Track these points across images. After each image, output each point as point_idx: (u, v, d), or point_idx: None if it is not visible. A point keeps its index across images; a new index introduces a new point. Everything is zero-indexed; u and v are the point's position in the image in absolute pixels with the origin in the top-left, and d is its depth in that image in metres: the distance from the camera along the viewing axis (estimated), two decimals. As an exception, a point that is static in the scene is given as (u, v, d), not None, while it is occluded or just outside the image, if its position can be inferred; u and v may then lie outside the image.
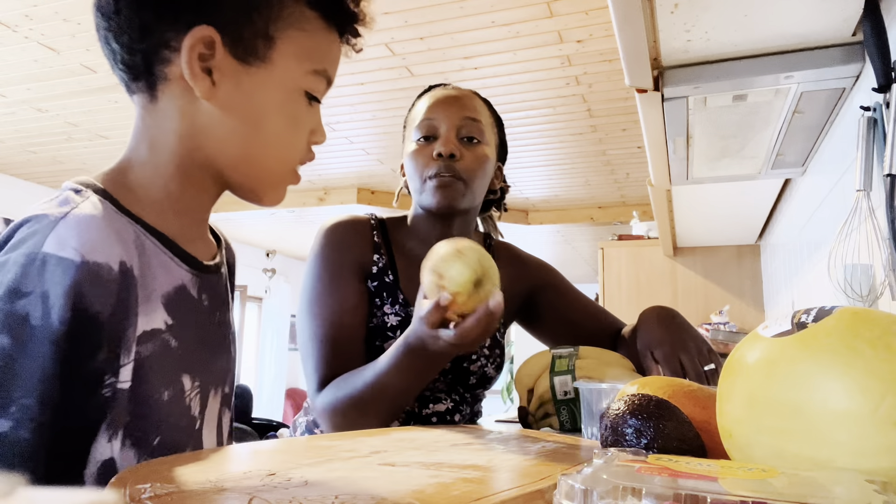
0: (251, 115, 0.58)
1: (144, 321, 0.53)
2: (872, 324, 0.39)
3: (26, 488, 0.19)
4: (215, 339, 0.66)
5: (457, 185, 0.99)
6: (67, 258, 0.47)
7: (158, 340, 0.55)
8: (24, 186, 4.48)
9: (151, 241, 0.56)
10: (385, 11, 2.22)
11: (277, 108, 0.58)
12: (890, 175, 0.85)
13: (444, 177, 0.99)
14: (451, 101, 1.04)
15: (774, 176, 1.71)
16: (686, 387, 0.59)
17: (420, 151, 1.02)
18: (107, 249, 0.50)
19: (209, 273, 0.64)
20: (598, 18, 2.23)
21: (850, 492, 0.29)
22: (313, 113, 0.63)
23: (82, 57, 2.59)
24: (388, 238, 1.07)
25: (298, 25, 0.59)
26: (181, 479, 0.37)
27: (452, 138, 1.01)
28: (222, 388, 0.68)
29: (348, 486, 0.36)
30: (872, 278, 1.00)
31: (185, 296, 0.59)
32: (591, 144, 3.47)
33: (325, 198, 4.45)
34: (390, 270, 1.04)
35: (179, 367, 0.58)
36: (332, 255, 1.01)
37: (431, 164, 1.00)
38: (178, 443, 0.58)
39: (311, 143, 0.65)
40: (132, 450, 0.52)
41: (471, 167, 1.01)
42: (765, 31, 1.01)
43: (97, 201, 0.53)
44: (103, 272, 0.49)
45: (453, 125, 1.01)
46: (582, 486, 0.28)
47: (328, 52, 0.61)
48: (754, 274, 3.20)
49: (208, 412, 0.64)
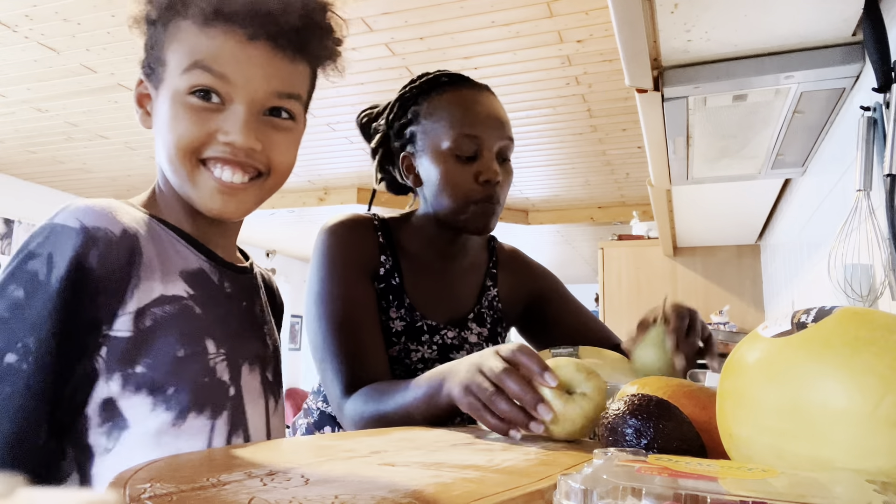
0: (158, 125, 0.68)
1: (162, 287, 0.64)
2: (872, 324, 0.39)
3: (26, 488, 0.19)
4: (244, 322, 0.74)
5: (497, 211, 0.99)
6: (70, 226, 0.59)
7: (179, 305, 0.65)
8: (24, 186, 4.48)
9: (166, 231, 0.68)
10: (385, 11, 2.22)
11: (166, 114, 0.66)
12: (890, 175, 0.85)
13: (492, 206, 0.97)
14: (494, 119, 0.99)
15: (774, 176, 1.71)
16: (686, 387, 0.59)
17: (461, 172, 0.97)
18: (108, 220, 0.61)
19: (232, 270, 0.74)
20: (598, 18, 2.23)
21: (850, 492, 0.29)
22: (213, 109, 0.65)
23: (82, 57, 2.59)
24: (392, 239, 1.04)
25: (176, 39, 0.67)
26: (181, 479, 0.37)
27: (495, 164, 0.98)
28: (261, 369, 0.74)
29: (348, 486, 0.36)
30: (872, 278, 1.00)
31: (205, 278, 0.70)
32: (591, 144, 3.47)
33: (325, 198, 4.45)
34: (397, 273, 1.01)
35: (202, 332, 0.66)
36: (339, 254, 0.97)
37: (476, 188, 0.96)
38: (202, 400, 0.65)
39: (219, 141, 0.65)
40: (142, 394, 0.61)
41: (505, 189, 1.01)
42: (765, 31, 1.01)
43: (115, 201, 0.65)
44: (101, 235, 0.60)
45: (496, 147, 0.98)
46: (582, 486, 0.28)
47: (199, 46, 0.65)
48: (754, 274, 3.20)
49: (245, 385, 0.71)
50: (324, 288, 0.94)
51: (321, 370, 0.91)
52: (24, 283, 0.57)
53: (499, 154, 0.99)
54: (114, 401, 0.60)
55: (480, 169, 0.96)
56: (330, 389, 0.90)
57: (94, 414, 0.59)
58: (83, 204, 0.62)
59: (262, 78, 0.66)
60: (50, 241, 0.58)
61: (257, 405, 0.72)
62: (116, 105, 3.06)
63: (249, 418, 0.70)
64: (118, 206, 0.64)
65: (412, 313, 1.00)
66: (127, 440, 0.59)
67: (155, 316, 0.62)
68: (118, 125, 3.32)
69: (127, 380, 0.60)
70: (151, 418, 0.61)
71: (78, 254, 0.58)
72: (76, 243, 0.58)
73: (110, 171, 4.16)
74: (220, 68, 0.64)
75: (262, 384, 0.74)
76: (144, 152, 3.77)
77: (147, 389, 0.61)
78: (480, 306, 1.09)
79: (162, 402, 0.62)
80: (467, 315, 1.07)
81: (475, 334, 1.06)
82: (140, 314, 0.61)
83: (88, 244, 0.59)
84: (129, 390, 0.60)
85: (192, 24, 0.66)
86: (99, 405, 0.59)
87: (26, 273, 0.57)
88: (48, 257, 0.58)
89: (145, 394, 0.61)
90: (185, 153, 0.65)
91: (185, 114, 0.65)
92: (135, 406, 0.60)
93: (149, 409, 0.61)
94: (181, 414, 0.62)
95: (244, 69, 0.65)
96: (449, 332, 1.03)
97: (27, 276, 0.57)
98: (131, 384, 0.60)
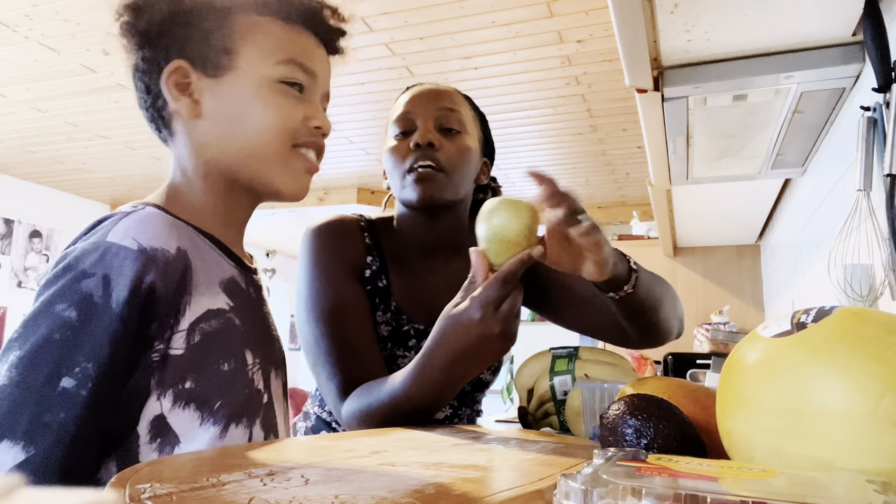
0: (231, 114, 0.68)
1: (209, 301, 0.64)
2: (872, 324, 0.39)
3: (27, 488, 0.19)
4: (266, 326, 0.75)
5: (438, 177, 0.93)
6: (126, 246, 0.58)
7: (223, 319, 0.65)
8: (24, 186, 4.48)
9: (202, 239, 0.67)
10: (385, 11, 2.22)
11: (251, 100, 0.67)
12: (890, 175, 0.85)
13: (423, 168, 0.93)
14: (428, 94, 1.00)
15: (774, 176, 1.71)
16: (686, 387, 0.59)
17: (398, 146, 0.97)
18: (163, 237, 0.61)
19: (250, 273, 0.75)
20: (598, 18, 2.23)
21: (850, 492, 0.29)
22: (302, 99, 0.70)
23: (82, 57, 2.59)
24: (379, 241, 1.01)
25: (254, 31, 0.69)
26: (181, 479, 0.37)
27: (431, 128, 0.96)
28: (281, 374, 0.76)
29: (348, 486, 0.36)
30: (872, 278, 1.00)
31: (238, 287, 0.70)
32: (591, 144, 3.47)
33: (325, 198, 4.45)
34: (384, 275, 0.99)
35: (243, 343, 0.67)
36: (326, 255, 0.95)
37: (409, 155, 0.95)
38: (241, 410, 0.65)
39: (309, 127, 0.70)
40: (190, 409, 0.61)
41: (451, 157, 0.95)
42: (765, 31, 1.01)
43: (153, 209, 0.64)
44: (159, 255, 0.59)
45: (431, 116, 0.97)
46: (582, 486, 0.28)
47: (290, 43, 0.70)
48: (754, 274, 3.20)
49: (273, 390, 0.72)
50: (312, 289, 0.92)
51: (315, 373, 0.89)
52: (76, 304, 0.55)
53: (440, 126, 0.97)
54: (164, 417, 0.59)
55: (413, 137, 0.96)
56: (326, 392, 0.88)
57: (144, 431, 0.59)
58: (134, 220, 0.60)
59: (326, 76, 0.74)
60: (106, 262, 0.57)
61: (282, 407, 0.74)
62: (116, 105, 3.06)
63: (278, 421, 0.72)
64: (163, 219, 0.63)
65: (398, 317, 0.98)
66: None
67: (203, 331, 0.62)
68: (118, 125, 3.32)
69: (178, 396, 0.60)
70: (200, 433, 0.61)
71: (139, 276, 0.57)
72: (136, 266, 0.57)
73: (110, 171, 4.16)
74: (310, 64, 0.71)
75: (283, 386, 0.76)
76: (144, 152, 3.76)
77: (195, 404, 0.61)
78: None
79: (209, 416, 0.62)
80: None
81: None
82: (191, 330, 0.61)
83: (149, 266, 0.58)
84: (178, 406, 0.60)
85: (273, 21, 0.70)
86: (150, 422, 0.59)
87: (79, 293, 0.55)
88: (104, 278, 0.56)
89: (193, 409, 0.61)
90: (285, 136, 0.68)
91: (283, 100, 0.68)
92: (184, 421, 0.60)
93: (197, 423, 0.61)
94: (226, 426, 0.63)
95: (319, 67, 0.72)
96: None
97: (80, 297, 0.55)
98: (181, 400, 0.60)
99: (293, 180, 0.70)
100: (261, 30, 0.69)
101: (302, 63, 0.70)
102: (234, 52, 0.68)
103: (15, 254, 4.48)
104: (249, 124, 0.67)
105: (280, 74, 0.68)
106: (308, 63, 0.70)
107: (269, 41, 0.69)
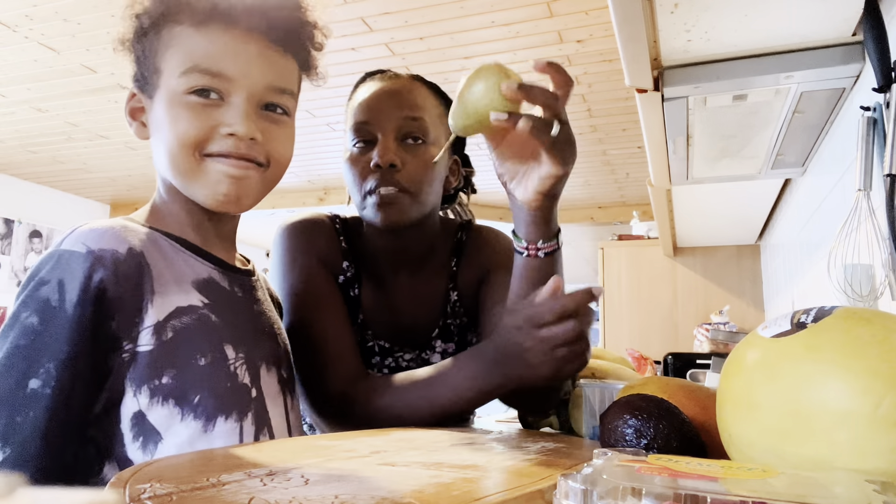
0: (157, 131, 0.70)
1: (178, 299, 0.65)
2: (872, 324, 0.39)
3: (26, 488, 0.19)
4: (256, 324, 0.75)
5: (401, 199, 0.86)
6: (76, 251, 0.61)
7: (196, 315, 0.66)
8: (24, 186, 4.48)
9: (171, 243, 0.69)
10: (385, 11, 2.22)
11: (164, 116, 0.68)
12: (890, 175, 0.85)
13: (385, 192, 0.85)
14: (388, 98, 0.89)
15: (774, 176, 1.71)
16: (686, 387, 0.59)
17: (356, 160, 0.88)
18: (113, 240, 0.62)
19: (238, 274, 0.75)
20: (598, 18, 2.23)
21: (850, 492, 0.29)
22: (215, 106, 0.67)
23: (82, 57, 2.59)
24: (354, 245, 0.96)
25: (171, 45, 0.68)
26: (181, 479, 0.37)
27: (391, 145, 0.86)
28: (276, 369, 0.76)
29: (348, 486, 0.36)
30: (872, 278, 1.00)
31: (216, 285, 0.71)
32: (591, 144, 3.47)
33: (325, 198, 4.45)
34: (357, 284, 0.94)
35: (221, 339, 0.68)
36: (298, 249, 0.90)
37: (370, 176, 0.86)
38: (227, 405, 0.66)
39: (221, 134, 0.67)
40: (168, 404, 0.62)
41: (415, 175, 0.87)
42: (765, 31, 1.01)
43: (119, 219, 0.67)
44: (107, 255, 0.61)
45: (392, 127, 0.87)
46: (582, 486, 0.28)
47: (193, 48, 0.67)
48: (754, 274, 3.20)
49: (265, 385, 0.72)
50: (286, 284, 0.88)
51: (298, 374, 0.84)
52: (37, 310, 0.59)
53: (403, 135, 0.88)
54: (143, 414, 0.61)
55: (373, 154, 0.87)
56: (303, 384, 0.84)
57: (126, 430, 0.61)
58: (87, 228, 0.63)
59: (259, 72, 0.68)
60: (59, 268, 0.60)
61: (277, 403, 0.74)
62: (116, 105, 3.06)
63: (272, 417, 0.72)
64: (121, 225, 0.66)
65: (363, 332, 0.93)
66: (163, 451, 0.61)
67: (175, 327, 0.64)
68: (118, 125, 3.32)
69: (154, 392, 0.61)
70: (182, 427, 0.62)
71: (88, 277, 0.59)
72: (85, 267, 0.60)
73: (110, 171, 4.16)
74: (217, 67, 0.67)
75: (280, 382, 0.76)
76: (144, 152, 3.77)
77: (174, 400, 0.62)
78: (446, 318, 0.97)
79: (189, 410, 0.63)
80: (432, 333, 0.96)
81: (439, 353, 0.96)
82: (160, 327, 0.63)
83: (96, 266, 0.60)
84: (156, 402, 0.61)
85: (186, 28, 0.68)
86: (130, 420, 0.61)
87: (38, 300, 0.59)
88: (59, 283, 0.59)
89: (172, 404, 0.62)
90: (189, 148, 0.67)
91: (186, 112, 0.67)
92: (163, 417, 0.62)
93: (177, 418, 0.62)
94: (209, 420, 0.64)
95: (241, 63, 0.67)
96: (406, 353, 0.95)
97: (40, 303, 0.59)
98: (158, 396, 0.62)
99: (209, 190, 0.68)
100: (174, 41, 0.68)
101: (207, 69, 0.66)
102: (159, 70, 0.69)
103: (15, 254, 4.48)
104: (164, 141, 0.68)
105: (186, 85, 0.66)
106: (217, 66, 0.66)
107: (178, 52, 0.68)
